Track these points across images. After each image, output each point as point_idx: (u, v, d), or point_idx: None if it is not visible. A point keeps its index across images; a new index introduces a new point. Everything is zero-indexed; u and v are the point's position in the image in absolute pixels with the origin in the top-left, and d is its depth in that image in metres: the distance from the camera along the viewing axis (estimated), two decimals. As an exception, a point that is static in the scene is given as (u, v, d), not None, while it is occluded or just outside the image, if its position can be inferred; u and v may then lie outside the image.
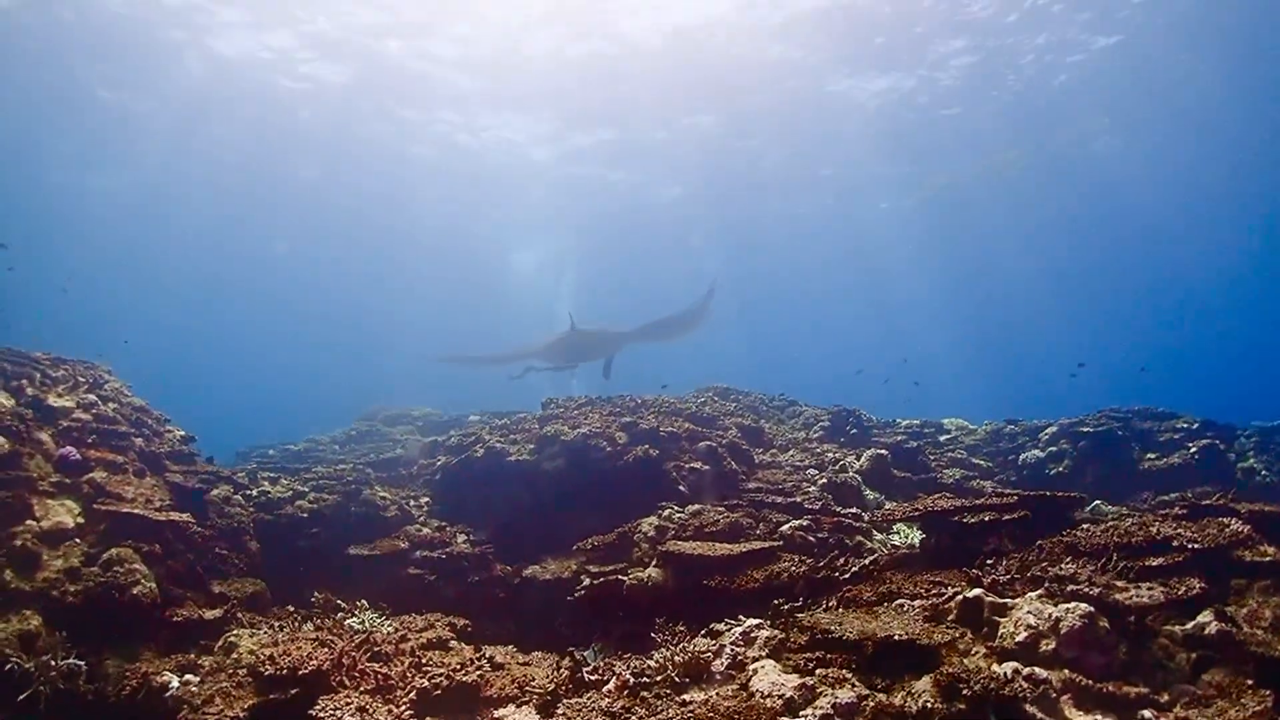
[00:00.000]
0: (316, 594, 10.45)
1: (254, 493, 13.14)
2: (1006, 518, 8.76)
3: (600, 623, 10.43)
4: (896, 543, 11.21)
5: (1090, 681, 5.68)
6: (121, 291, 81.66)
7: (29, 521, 9.51)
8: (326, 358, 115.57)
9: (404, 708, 7.56)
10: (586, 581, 10.99)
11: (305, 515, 12.90)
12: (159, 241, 65.19)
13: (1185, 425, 16.35)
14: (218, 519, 11.64)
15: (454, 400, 24.52)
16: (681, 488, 12.73)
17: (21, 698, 8.03)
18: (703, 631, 7.96)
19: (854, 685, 5.71)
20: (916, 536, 10.85)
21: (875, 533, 11.67)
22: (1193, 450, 15.65)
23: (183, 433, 13.15)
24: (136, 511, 10.03)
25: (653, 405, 15.35)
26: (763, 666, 6.32)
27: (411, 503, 13.82)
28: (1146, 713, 5.47)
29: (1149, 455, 15.94)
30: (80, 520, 9.91)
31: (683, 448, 13.52)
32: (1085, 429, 16.29)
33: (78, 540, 9.70)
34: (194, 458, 12.86)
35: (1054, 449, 16.37)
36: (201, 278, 78.20)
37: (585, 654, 9.38)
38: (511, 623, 11.51)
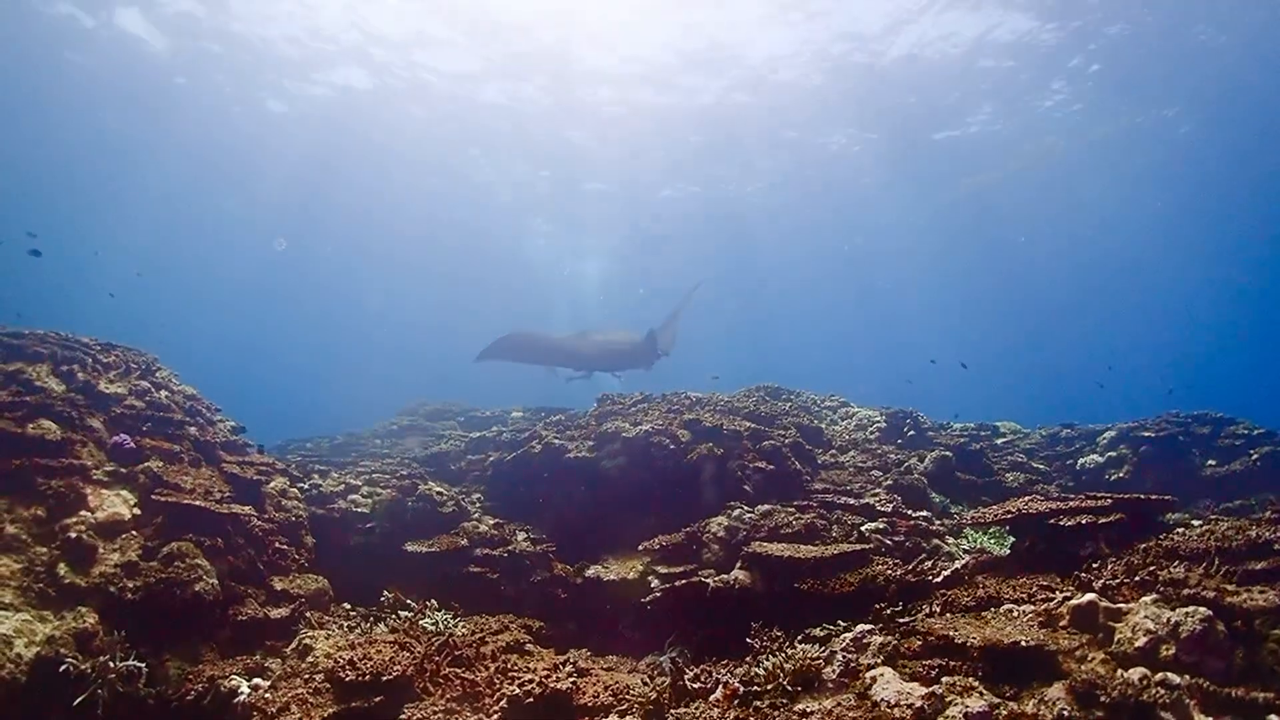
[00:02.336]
0: (386, 592, 9.70)
1: (305, 486, 12.37)
2: (1102, 521, 8.21)
3: (676, 626, 9.66)
4: (977, 545, 10.66)
5: (1214, 686, 5.29)
6: (159, 288, 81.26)
7: (83, 512, 8.72)
8: (360, 354, 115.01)
9: (495, 717, 6.83)
10: (655, 583, 10.27)
11: (360, 510, 12.12)
12: (191, 240, 64.74)
13: (1245, 431, 15.59)
14: (275, 512, 10.82)
15: (490, 397, 23.75)
16: (746, 487, 11.98)
17: (78, 701, 7.23)
18: (800, 637, 7.55)
19: (982, 693, 5.37)
20: (1005, 539, 10.44)
21: (949, 536, 11.09)
22: (1255, 457, 14.91)
23: (233, 423, 12.38)
24: (197, 503, 9.23)
25: (708, 403, 14.57)
26: (882, 674, 5.92)
27: (464, 499, 13.01)
28: (1275, 717, 5.08)
29: (1210, 461, 15.19)
30: (136, 511, 9.12)
31: (745, 447, 12.74)
32: (1146, 433, 15.53)
33: (134, 533, 8.92)
34: (247, 448, 12.07)
35: (1113, 454, 15.62)
36: (238, 278, 77.76)
37: (664, 659, 8.74)
38: (573, 624, 10.76)
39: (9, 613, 7.53)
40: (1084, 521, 8.25)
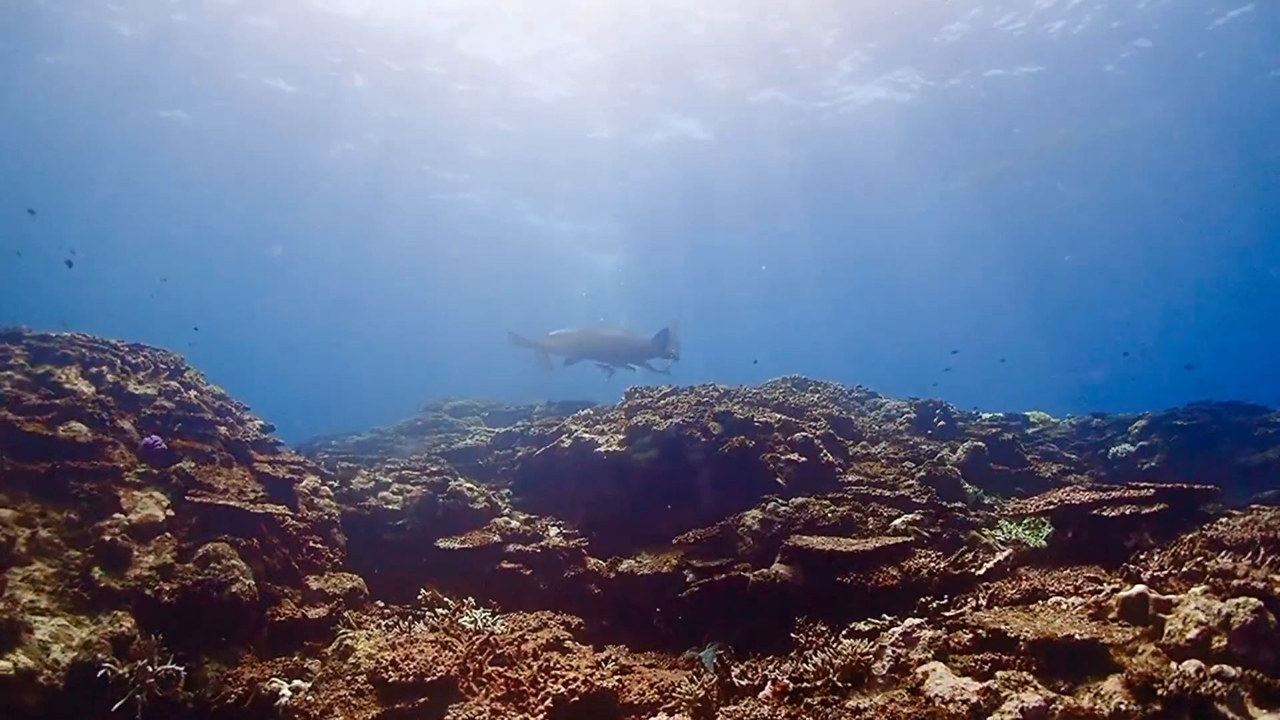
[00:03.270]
0: (423, 590, 9.48)
1: (335, 483, 12.17)
2: (1145, 511, 8.13)
3: (713, 621, 9.47)
4: (1013, 536, 10.43)
5: (1267, 678, 5.18)
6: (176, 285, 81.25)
7: (117, 515, 8.51)
8: (378, 352, 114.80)
9: (541, 716, 6.66)
10: (690, 577, 10.10)
11: (391, 507, 11.91)
12: (216, 232, 64.77)
13: (1279, 420, 15.26)
14: (308, 511, 10.63)
15: (504, 393, 23.56)
16: (779, 480, 11.76)
17: (116, 706, 7.02)
18: (845, 632, 7.45)
19: (1036, 688, 5.30)
20: (1041, 530, 10.23)
21: (985, 528, 10.88)
22: (1289, 446, 14.60)
23: (262, 421, 12.19)
24: (231, 504, 9.02)
25: (737, 395, 14.33)
26: (933, 669, 5.84)
27: (494, 495, 12.81)
28: (1328, 710, 4.96)
29: (1243, 450, 14.88)
30: (170, 513, 8.91)
31: (776, 439, 12.51)
32: (1178, 422, 15.26)
33: (169, 534, 8.71)
34: (277, 447, 11.88)
35: (1144, 443, 15.34)
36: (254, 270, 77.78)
37: (703, 654, 8.56)
38: (606, 619, 10.51)
39: (45, 618, 7.33)
40: (1127, 512, 8.14)
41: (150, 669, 7.27)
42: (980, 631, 6.16)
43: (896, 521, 10.36)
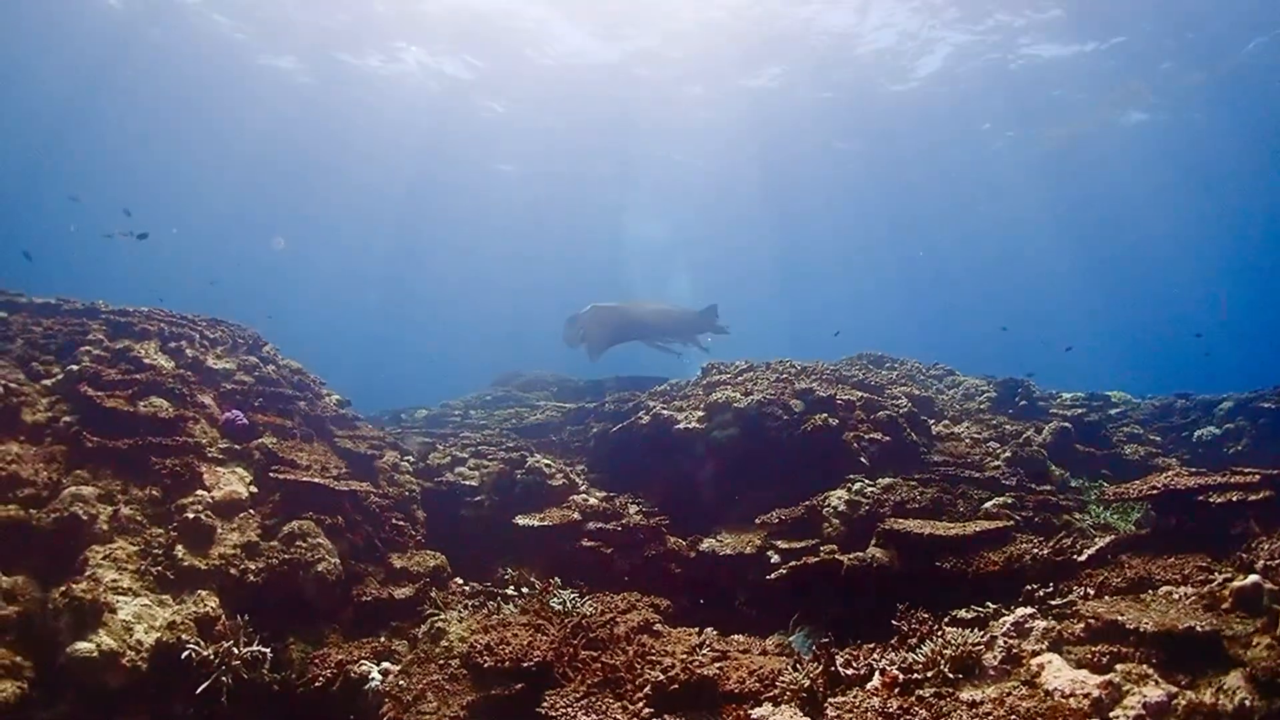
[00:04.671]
0: (509, 569, 9.13)
1: (413, 458, 11.84)
2: (1251, 498, 7.60)
3: (799, 604, 9.00)
4: (1103, 521, 9.93)
5: None
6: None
7: (199, 491, 8.23)
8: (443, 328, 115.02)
9: (640, 704, 6.28)
10: (775, 558, 9.64)
11: (468, 483, 11.56)
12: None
13: (1375, 403, 14.50)
14: (388, 487, 10.31)
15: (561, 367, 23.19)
16: (862, 459, 11.26)
17: (201, 689, 6.72)
18: (947, 620, 7.09)
19: (1157, 682, 5.10)
20: (1130, 515, 9.90)
21: (1076, 512, 10.34)
22: (1387, 430, 13.84)
23: (338, 396, 11.91)
24: (317, 480, 8.71)
25: (814, 372, 13.82)
26: (1050, 661, 5.64)
27: (570, 471, 12.43)
28: None
29: (1337, 434, 14.14)
30: (253, 489, 8.63)
31: (859, 417, 12.01)
32: (1266, 405, 14.49)
33: (252, 511, 8.42)
34: (355, 422, 11.59)
35: (1230, 426, 14.59)
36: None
37: (793, 639, 8.17)
38: (685, 599, 10.08)
39: (128, 597, 7.05)
40: (1234, 499, 7.67)
41: (236, 650, 6.99)
42: (1093, 622, 5.92)
43: (987, 504, 9.87)
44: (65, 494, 7.53)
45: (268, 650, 7.13)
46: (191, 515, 7.83)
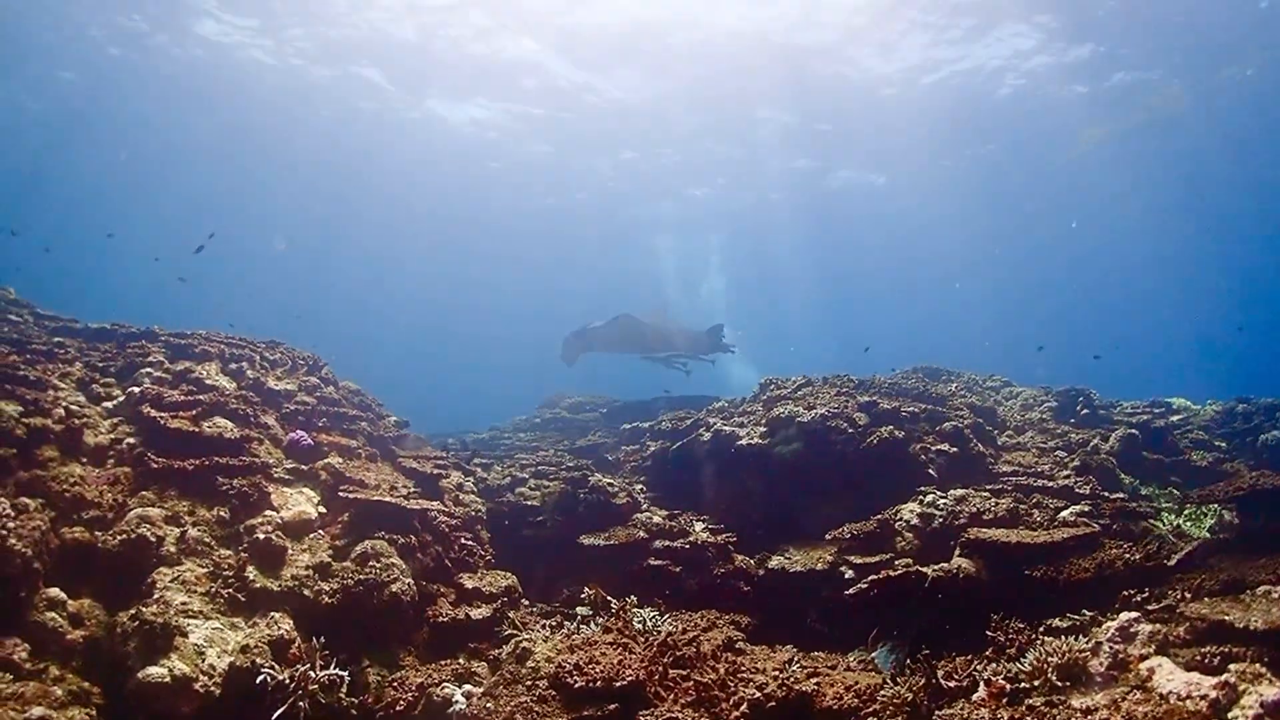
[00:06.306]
0: (587, 589, 8.77)
1: (474, 480, 11.53)
2: None
3: (878, 619, 8.59)
4: (1176, 526, 9.59)
5: None
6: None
7: (268, 512, 7.92)
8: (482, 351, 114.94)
9: (738, 724, 5.84)
10: (849, 574, 9.26)
11: (530, 503, 11.25)
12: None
13: None
14: (455, 507, 9.97)
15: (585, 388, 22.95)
16: (930, 471, 10.91)
17: (277, 715, 6.36)
18: (1042, 629, 6.95)
19: (1271, 680, 4.99)
20: (1204, 521, 9.58)
21: (1151, 519, 9.85)
22: None
23: (396, 417, 11.61)
24: (387, 499, 8.38)
25: (873, 385, 13.46)
26: (1159, 665, 5.50)
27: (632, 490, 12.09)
28: None
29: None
30: (321, 510, 8.33)
31: (924, 429, 11.67)
32: (1332, 408, 13.98)
33: (321, 532, 8.11)
34: (418, 442, 11.29)
35: (1296, 430, 14.07)
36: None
37: (877, 654, 7.92)
38: (755, 617, 9.67)
39: (198, 620, 6.71)
40: None
41: (313, 674, 6.62)
42: (1198, 624, 5.88)
43: (1064, 513, 9.49)
44: (131, 516, 7.23)
45: (345, 674, 6.77)
46: (261, 536, 7.51)
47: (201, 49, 33.26)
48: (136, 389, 8.76)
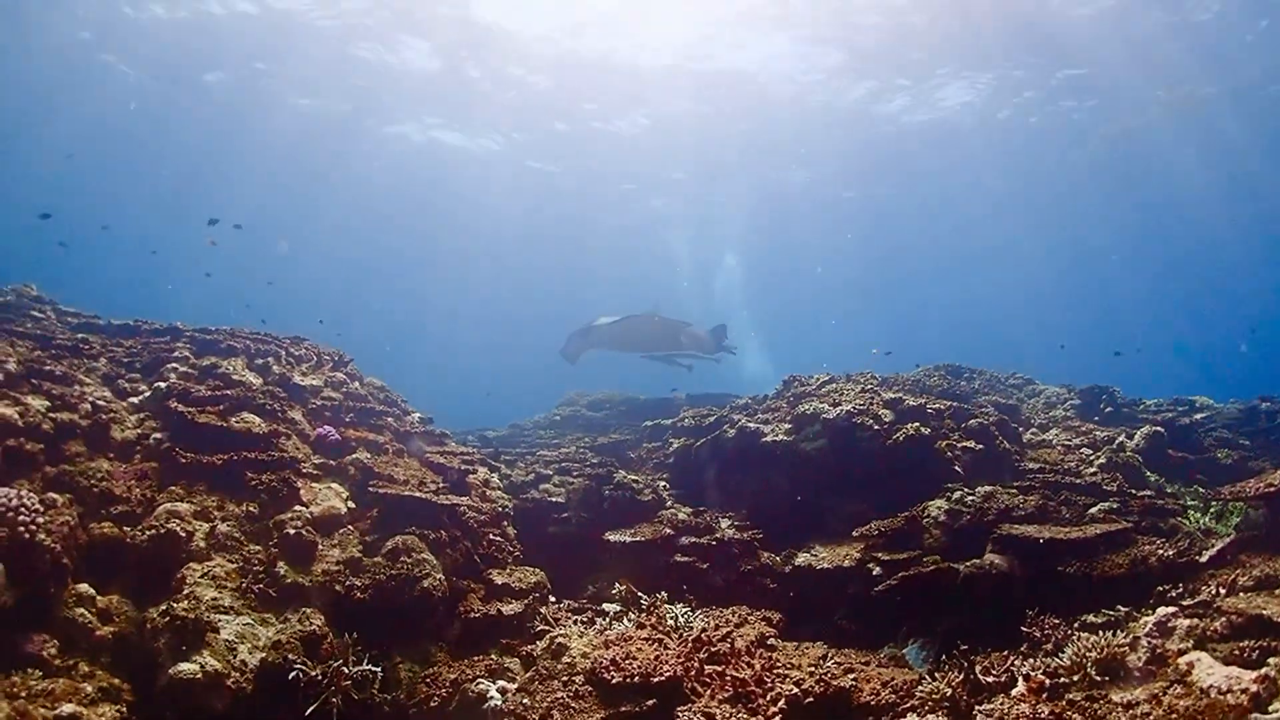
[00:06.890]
0: (618, 585, 8.68)
1: (500, 475, 11.45)
2: None
3: (907, 615, 8.50)
4: (1201, 524, 9.44)
5: None
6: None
7: (297, 507, 7.85)
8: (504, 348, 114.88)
9: (775, 718, 5.81)
10: (877, 570, 9.15)
11: (554, 499, 11.16)
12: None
13: None
14: (482, 503, 9.87)
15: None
16: (956, 468, 10.75)
17: (310, 711, 6.28)
18: (1076, 624, 6.97)
19: None
20: (1231, 519, 9.36)
21: (1179, 516, 9.74)
22: None
23: (420, 413, 11.52)
24: (417, 495, 8.30)
25: (897, 382, 13.35)
26: (1198, 659, 5.47)
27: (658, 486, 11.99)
28: None
29: None
30: (350, 505, 8.25)
31: (949, 426, 11.51)
32: (1357, 405, 13.81)
33: (351, 527, 8.03)
34: (444, 438, 11.19)
35: (1321, 428, 13.92)
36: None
37: (907, 651, 7.89)
38: (782, 614, 9.55)
39: (229, 616, 6.64)
40: None
41: (345, 669, 6.56)
42: (1235, 618, 5.88)
43: (1092, 510, 9.38)
44: (160, 511, 7.16)
45: (378, 669, 6.69)
46: (292, 531, 7.44)
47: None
48: (163, 384, 8.70)
